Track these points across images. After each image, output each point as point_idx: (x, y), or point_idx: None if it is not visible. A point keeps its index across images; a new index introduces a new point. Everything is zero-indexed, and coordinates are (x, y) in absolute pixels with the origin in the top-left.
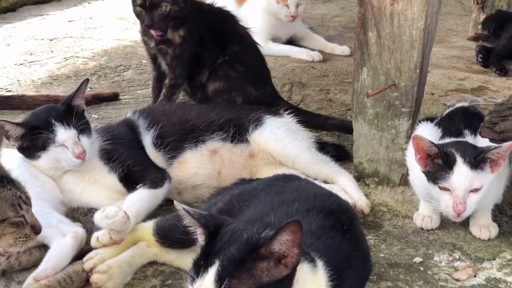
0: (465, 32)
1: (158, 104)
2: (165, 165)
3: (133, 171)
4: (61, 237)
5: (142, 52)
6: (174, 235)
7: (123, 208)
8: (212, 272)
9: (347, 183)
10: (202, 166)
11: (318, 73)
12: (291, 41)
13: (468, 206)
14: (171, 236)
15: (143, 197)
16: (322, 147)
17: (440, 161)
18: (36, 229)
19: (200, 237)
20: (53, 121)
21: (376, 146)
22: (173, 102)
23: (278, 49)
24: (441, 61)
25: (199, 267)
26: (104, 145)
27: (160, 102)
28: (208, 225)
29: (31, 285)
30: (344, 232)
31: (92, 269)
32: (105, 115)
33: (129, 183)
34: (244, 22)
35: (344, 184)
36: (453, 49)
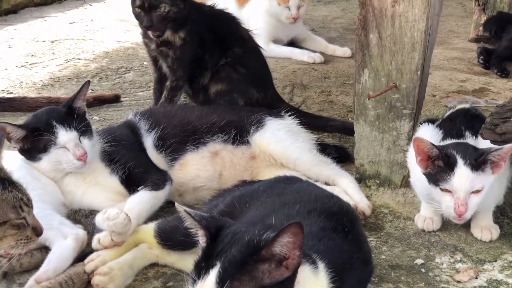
0: (466, 34)
1: (159, 106)
2: (166, 167)
3: (134, 173)
4: (63, 239)
5: (143, 54)
6: (176, 237)
7: (124, 210)
8: (213, 274)
9: (348, 185)
10: (203, 168)
11: (319, 74)
12: (292, 43)
13: (469, 207)
14: (173, 238)
15: (144, 199)
16: (323, 149)
17: (441, 162)
18: (38, 231)
19: (201, 239)
20: (54, 123)
21: (377, 147)
22: (174, 104)
23: (279, 51)
24: (442, 63)
25: (200, 269)
26: (106, 147)
27: (161, 104)
28: (209, 227)
29: (32, 287)
30: (346, 234)
31: (93, 271)
32: (106, 117)
33: (130, 185)
34: (245, 24)
35: (345, 186)
36: (454, 50)
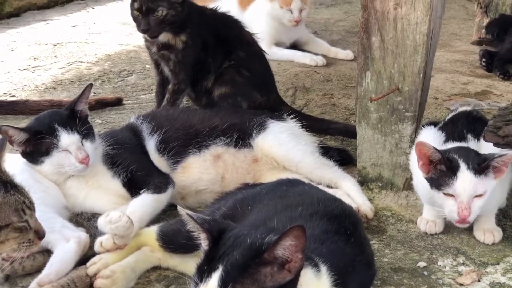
0: (469, 36)
1: (161, 109)
2: (168, 170)
3: (136, 176)
4: (65, 242)
5: (145, 57)
6: (178, 240)
7: (126, 213)
8: (215, 277)
9: (350, 187)
10: (206, 171)
11: (322, 77)
12: (294, 46)
13: (472, 211)
14: (175, 241)
15: (146, 202)
16: (326, 151)
17: (443, 167)
18: (40, 234)
19: (204, 242)
20: (56, 126)
21: (380, 150)
22: (176, 107)
23: (281, 54)
24: (444, 66)
25: (202, 272)
26: (108, 150)
27: (164, 107)
28: (211, 230)
29: None
30: (348, 237)
31: (95, 274)
32: (108, 120)
33: (132, 188)
34: (247, 27)
35: (347, 189)
36: (457, 53)
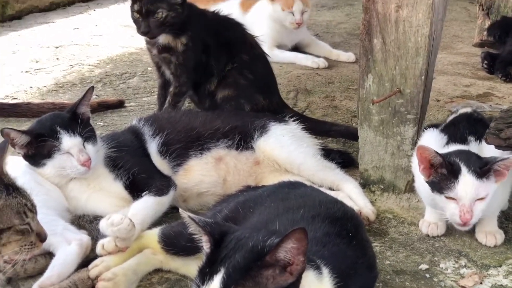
0: (471, 39)
1: (163, 112)
2: (170, 172)
3: (138, 179)
4: (67, 245)
5: (147, 59)
6: (180, 242)
7: (128, 215)
8: (217, 280)
9: (352, 190)
10: (208, 173)
11: (323, 80)
12: (296, 48)
13: (474, 214)
14: (177, 243)
15: (148, 205)
16: (328, 154)
17: (444, 170)
18: (42, 236)
19: (205, 245)
20: (58, 128)
21: (382, 153)
22: (178, 109)
23: (283, 56)
24: (446, 68)
25: (204, 275)
26: (110, 152)
27: (165, 109)
28: (213, 232)
29: None
30: (350, 239)
31: (97, 277)
32: (110, 123)
33: (134, 190)
34: (249, 29)
35: (349, 191)
36: (459, 55)
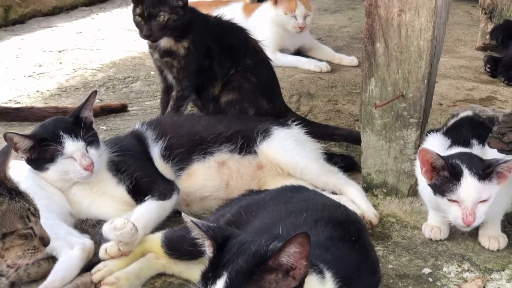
0: (473, 42)
1: (166, 116)
2: (173, 176)
3: (141, 183)
4: (69, 249)
5: (150, 63)
6: (183, 246)
7: (131, 219)
8: (220, 284)
9: (355, 194)
10: (210, 177)
11: (326, 83)
12: (299, 52)
13: (477, 216)
14: (179, 247)
15: (151, 209)
16: (330, 158)
17: (446, 173)
18: (45, 241)
19: (208, 249)
20: (61, 133)
21: (384, 156)
22: (181, 114)
23: (286, 60)
24: (449, 71)
25: (207, 279)
26: (113, 156)
27: (168, 114)
28: (216, 237)
29: None
30: (353, 243)
31: (100, 281)
32: (113, 127)
33: (137, 194)
34: (252, 33)
35: (352, 195)
36: (461, 59)
